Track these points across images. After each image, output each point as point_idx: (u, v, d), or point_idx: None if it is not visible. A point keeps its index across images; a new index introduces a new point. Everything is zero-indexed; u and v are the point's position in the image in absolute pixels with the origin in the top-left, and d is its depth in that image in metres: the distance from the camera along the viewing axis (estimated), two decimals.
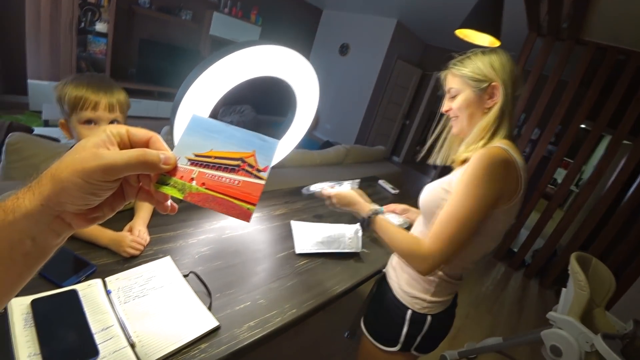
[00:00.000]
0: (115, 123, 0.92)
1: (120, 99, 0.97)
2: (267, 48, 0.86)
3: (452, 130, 1.01)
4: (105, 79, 0.98)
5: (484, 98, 0.92)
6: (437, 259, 0.82)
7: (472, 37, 1.90)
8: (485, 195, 0.80)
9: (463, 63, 0.95)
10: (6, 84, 3.93)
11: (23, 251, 0.30)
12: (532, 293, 3.37)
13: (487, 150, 0.83)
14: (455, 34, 2.00)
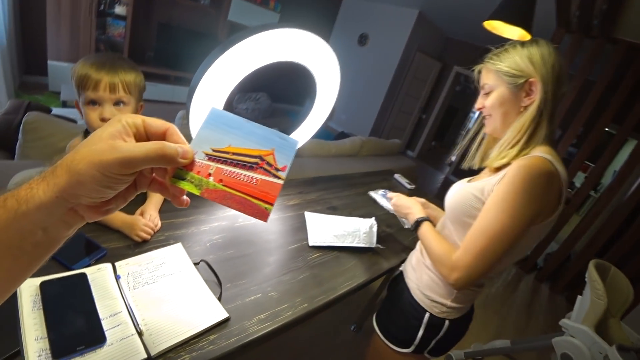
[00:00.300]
0: (121, 105, 0.92)
1: (127, 79, 0.92)
2: (288, 31, 0.82)
3: (485, 129, 0.95)
4: (116, 58, 0.93)
5: (520, 96, 0.84)
6: (465, 272, 0.78)
7: (501, 29, 1.82)
8: (523, 214, 0.74)
9: (499, 56, 0.87)
10: (27, 64, 3.98)
11: (34, 241, 0.30)
12: (542, 297, 3.29)
13: (527, 162, 0.76)
14: (482, 25, 1.91)
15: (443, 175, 6.45)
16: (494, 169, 0.86)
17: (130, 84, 0.93)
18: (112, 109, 0.90)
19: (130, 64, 0.95)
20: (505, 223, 0.74)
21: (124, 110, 0.94)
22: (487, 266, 0.77)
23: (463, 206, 0.87)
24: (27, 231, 0.29)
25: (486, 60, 0.91)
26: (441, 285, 0.94)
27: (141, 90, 0.99)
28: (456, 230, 0.92)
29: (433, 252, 0.88)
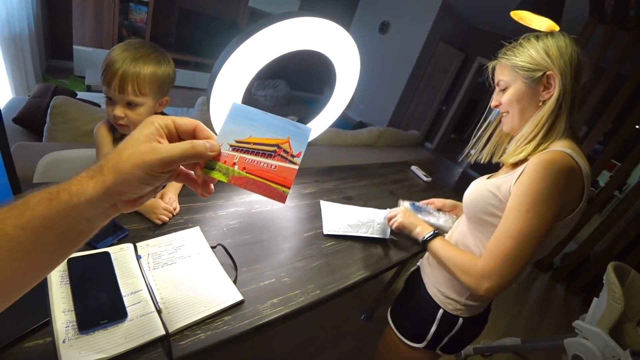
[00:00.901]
0: (133, 105, 0.91)
1: (140, 79, 0.89)
2: (309, 20, 0.82)
3: (503, 127, 0.91)
4: (141, 54, 0.89)
5: (537, 90, 0.81)
6: (495, 280, 0.74)
7: (528, 20, 1.76)
8: (547, 210, 0.71)
9: (514, 51, 0.84)
10: (53, 49, 4.09)
11: (78, 230, 0.34)
12: (557, 297, 3.23)
13: (546, 156, 0.72)
14: (510, 15, 1.85)
15: (461, 168, 6.34)
16: (510, 165, 0.84)
17: (142, 83, 0.89)
18: (123, 109, 0.91)
19: (155, 59, 0.92)
20: (530, 222, 0.71)
21: (137, 111, 0.93)
22: (518, 269, 0.73)
23: (479, 203, 0.85)
24: (74, 221, 0.33)
25: (500, 56, 0.88)
26: (455, 282, 0.93)
27: (162, 85, 0.95)
28: (473, 227, 0.90)
29: (455, 264, 0.84)
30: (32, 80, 3.16)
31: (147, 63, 0.90)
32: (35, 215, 0.30)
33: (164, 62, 0.95)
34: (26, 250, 0.31)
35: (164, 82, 0.95)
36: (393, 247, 1.18)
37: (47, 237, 0.32)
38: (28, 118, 1.92)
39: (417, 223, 1.05)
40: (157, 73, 0.92)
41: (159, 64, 0.93)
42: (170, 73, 0.97)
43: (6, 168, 0.73)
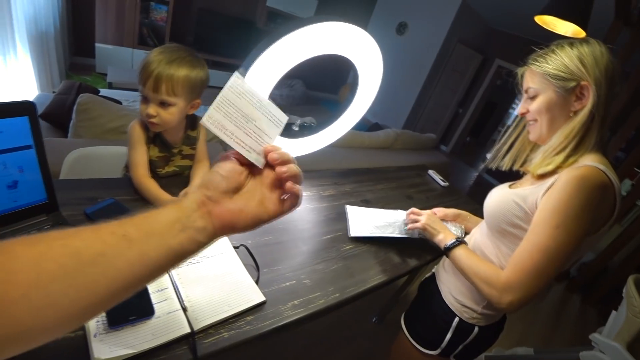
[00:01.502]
0: (166, 105, 0.95)
1: (174, 80, 0.93)
2: (339, 25, 0.82)
3: (530, 136, 0.88)
4: (176, 57, 0.94)
5: (569, 100, 0.77)
6: (519, 293, 0.73)
7: (553, 25, 1.72)
8: (578, 228, 0.69)
9: (545, 58, 0.80)
10: (76, 46, 4.19)
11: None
12: (572, 308, 3.15)
13: (579, 172, 0.70)
14: (531, 18, 1.82)
15: (476, 172, 6.26)
16: (536, 176, 0.81)
17: (176, 84, 0.93)
18: (156, 108, 0.95)
19: (190, 62, 0.96)
20: (560, 238, 0.70)
21: (169, 111, 0.97)
22: (542, 284, 0.72)
23: (503, 213, 0.83)
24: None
25: (530, 62, 0.84)
26: (473, 290, 0.92)
27: (194, 88, 0.99)
28: (494, 237, 0.89)
29: (477, 275, 0.82)
30: (56, 76, 3.25)
31: (181, 66, 0.94)
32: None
33: (198, 66, 0.98)
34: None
35: (196, 85, 0.99)
36: (411, 253, 1.18)
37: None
38: (54, 114, 1.98)
39: (440, 229, 1.03)
40: (190, 76, 0.96)
41: (193, 67, 0.97)
42: (203, 77, 1.01)
43: (40, 165, 0.75)
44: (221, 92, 0.40)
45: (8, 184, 0.71)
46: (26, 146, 0.71)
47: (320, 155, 1.27)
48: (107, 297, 0.32)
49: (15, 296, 0.27)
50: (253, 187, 0.43)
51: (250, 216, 0.41)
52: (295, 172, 0.42)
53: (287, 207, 0.44)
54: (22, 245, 0.30)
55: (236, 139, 0.41)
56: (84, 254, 0.30)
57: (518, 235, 0.81)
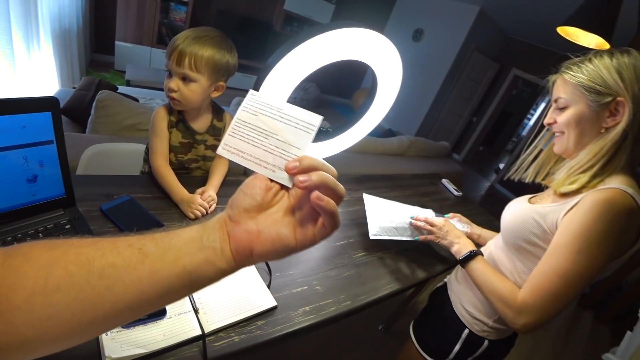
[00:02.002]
0: (188, 80, 0.95)
1: (199, 56, 0.93)
2: (359, 31, 0.81)
3: (554, 148, 0.84)
4: (206, 35, 0.96)
5: (602, 115, 0.72)
6: (535, 317, 0.70)
7: (575, 36, 1.69)
8: (601, 254, 0.66)
9: (581, 68, 0.74)
10: (97, 44, 4.28)
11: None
12: (583, 325, 3.04)
13: (606, 196, 0.66)
14: (550, 27, 1.79)
15: (488, 182, 6.17)
16: (559, 194, 0.77)
17: (201, 60, 0.94)
18: (177, 82, 0.96)
19: (217, 43, 0.97)
20: (581, 264, 0.66)
21: (190, 87, 0.97)
22: (560, 309, 0.69)
23: (521, 230, 0.80)
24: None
25: (563, 71, 0.78)
26: (485, 303, 0.90)
27: (219, 70, 0.99)
28: (509, 252, 0.86)
29: (493, 292, 0.79)
30: (77, 73, 3.32)
31: (207, 44, 0.95)
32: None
33: (226, 48, 0.99)
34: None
35: (221, 66, 0.99)
36: (423, 262, 1.16)
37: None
38: (73, 109, 2.01)
39: (454, 240, 0.99)
40: (215, 55, 0.96)
41: (219, 48, 0.97)
42: (230, 61, 1.01)
43: (60, 161, 0.76)
44: (236, 114, 0.38)
45: (28, 177, 0.72)
46: (48, 141, 0.72)
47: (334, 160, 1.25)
48: (111, 314, 0.30)
49: (19, 302, 0.26)
50: (284, 206, 0.36)
51: (270, 240, 0.34)
52: (320, 181, 0.32)
53: (319, 230, 0.34)
54: (41, 248, 0.29)
55: (255, 159, 0.37)
56: (95, 264, 0.29)
57: (534, 253, 0.79)
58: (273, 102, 0.39)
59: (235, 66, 1.05)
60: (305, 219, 0.34)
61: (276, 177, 0.36)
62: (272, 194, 0.36)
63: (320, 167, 0.34)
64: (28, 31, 2.27)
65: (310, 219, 0.34)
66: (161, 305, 0.33)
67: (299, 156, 0.35)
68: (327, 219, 0.33)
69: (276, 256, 0.35)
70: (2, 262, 0.28)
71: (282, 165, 0.36)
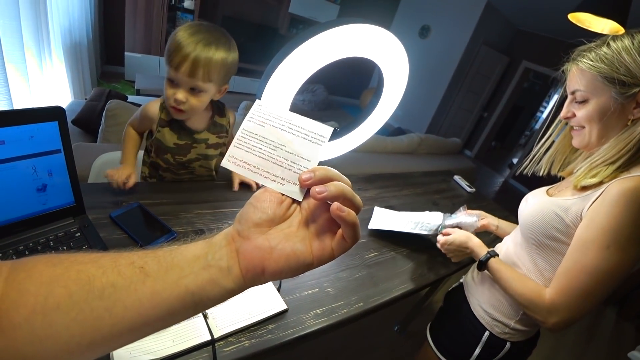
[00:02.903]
0: (197, 91, 0.90)
1: (212, 65, 0.87)
2: (363, 27, 0.80)
3: (573, 142, 0.79)
4: (213, 37, 0.88)
5: (628, 107, 0.66)
6: (566, 315, 0.67)
7: (588, 22, 1.64)
8: (631, 247, 0.62)
9: (599, 55, 0.67)
10: (107, 55, 4.37)
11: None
12: (606, 322, 2.94)
13: (632, 185, 0.62)
14: (563, 17, 1.74)
15: (502, 178, 6.05)
16: (581, 188, 0.72)
17: (213, 69, 0.88)
18: (186, 94, 0.90)
19: (225, 44, 0.90)
20: (612, 260, 0.63)
21: (200, 97, 0.92)
22: (591, 306, 0.66)
23: (542, 225, 0.76)
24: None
25: (579, 59, 0.71)
26: (505, 304, 0.87)
27: (227, 72, 0.94)
28: (530, 249, 0.83)
29: (518, 294, 0.76)
30: (88, 84, 3.38)
31: (219, 48, 0.88)
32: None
33: (233, 48, 0.93)
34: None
35: (230, 69, 0.94)
36: (437, 261, 1.13)
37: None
38: (85, 120, 2.05)
39: (468, 241, 0.95)
40: (227, 60, 0.90)
41: (229, 50, 0.91)
42: (236, 59, 0.96)
43: (68, 169, 0.77)
44: (242, 125, 0.37)
45: (38, 187, 0.73)
46: (55, 150, 0.73)
47: (343, 160, 1.25)
48: (110, 336, 0.29)
49: (20, 320, 0.26)
50: (297, 220, 0.34)
51: (284, 256, 0.31)
52: (339, 191, 0.31)
53: (338, 244, 0.32)
54: (45, 264, 0.29)
55: (263, 172, 0.35)
56: (95, 283, 0.28)
57: (557, 248, 0.75)
58: (281, 113, 0.37)
59: (237, 63, 0.99)
60: (321, 233, 0.33)
61: (285, 191, 0.34)
62: (284, 207, 0.34)
63: (336, 178, 0.32)
64: (40, 46, 2.33)
65: (326, 232, 0.33)
66: (164, 328, 0.31)
67: (318, 169, 0.33)
68: (348, 231, 0.31)
69: (290, 274, 0.32)
70: (6, 276, 0.28)
71: (292, 178, 0.35)
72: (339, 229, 0.32)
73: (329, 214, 0.31)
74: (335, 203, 0.30)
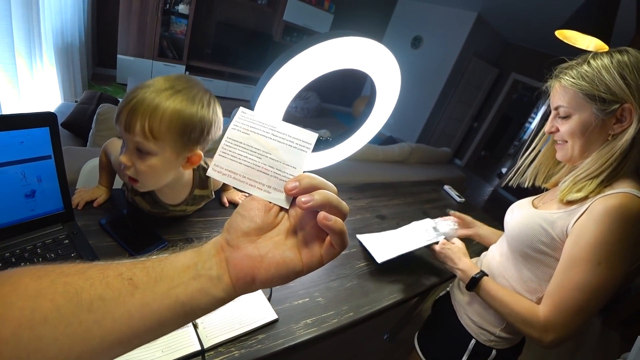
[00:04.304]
0: (143, 153, 0.70)
1: (159, 110, 0.66)
2: (356, 40, 0.81)
3: (557, 155, 0.81)
4: (168, 83, 0.69)
5: (608, 122, 0.69)
6: (562, 332, 0.69)
7: (574, 39, 1.69)
8: (621, 263, 0.65)
9: (580, 73, 0.70)
10: (99, 57, 4.33)
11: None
12: (592, 331, 2.98)
13: (617, 202, 0.64)
14: (548, 31, 1.79)
15: (491, 187, 6.14)
16: (566, 202, 0.74)
17: (159, 121, 0.66)
18: (131, 156, 0.70)
19: (187, 94, 0.69)
20: (603, 276, 0.64)
21: (147, 161, 0.70)
22: (584, 321, 0.68)
23: (528, 237, 0.78)
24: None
25: (561, 76, 0.74)
26: (491, 312, 0.88)
27: (189, 132, 0.70)
28: (515, 260, 0.84)
29: (510, 314, 0.77)
30: (79, 86, 3.35)
31: (176, 97, 0.67)
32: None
33: (201, 102, 0.71)
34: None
35: (190, 127, 0.70)
36: (426, 271, 1.14)
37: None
38: (75, 123, 2.02)
39: (454, 265, 0.94)
40: (183, 111, 0.68)
41: (191, 101, 0.69)
42: (207, 119, 0.72)
43: (58, 175, 0.76)
44: (226, 133, 0.37)
45: (26, 193, 0.72)
46: (46, 156, 0.72)
47: (335, 168, 1.26)
48: (99, 349, 0.28)
49: (6, 335, 0.26)
50: (285, 228, 0.34)
51: (274, 265, 0.32)
52: (324, 200, 0.31)
53: (326, 251, 0.32)
54: (30, 276, 0.28)
55: (249, 180, 0.35)
56: (84, 296, 0.28)
57: (542, 260, 0.77)
58: (265, 120, 0.37)
59: (216, 125, 0.76)
60: (310, 240, 0.33)
61: (272, 198, 0.34)
62: (272, 214, 0.34)
63: (321, 186, 0.33)
64: (31, 47, 2.30)
65: (315, 239, 0.33)
66: (154, 339, 0.31)
67: (297, 175, 0.34)
68: (336, 239, 0.32)
69: (280, 281, 0.33)
70: None
71: (278, 186, 0.35)
72: (327, 235, 0.32)
73: (316, 221, 0.31)
74: (322, 212, 0.31)
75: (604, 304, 0.67)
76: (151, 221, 0.91)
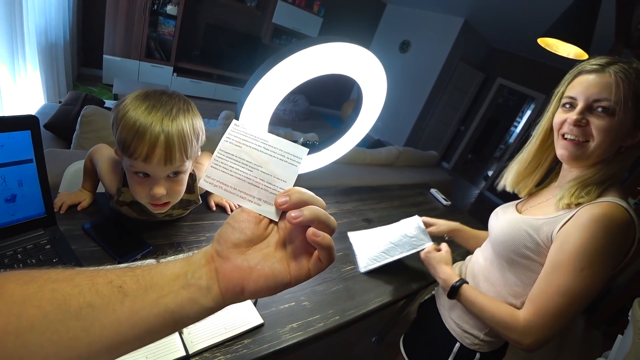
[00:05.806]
0: (176, 175, 0.76)
1: (185, 134, 0.71)
2: (343, 46, 0.82)
3: (561, 152, 0.76)
4: (167, 106, 0.71)
5: (632, 134, 0.69)
6: (541, 336, 0.70)
7: (555, 47, 1.74)
8: (603, 270, 0.66)
9: (637, 74, 0.66)
10: (85, 57, 4.25)
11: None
12: (575, 330, 3.05)
13: (603, 211, 0.66)
14: (532, 37, 1.84)
15: (478, 190, 6.23)
16: (565, 205, 0.73)
17: (189, 143, 0.72)
18: (166, 185, 0.75)
19: (186, 108, 0.74)
20: (585, 282, 0.66)
21: (181, 180, 0.78)
22: (565, 325, 0.69)
23: (513, 242, 0.79)
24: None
25: (614, 70, 0.67)
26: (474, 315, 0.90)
27: (199, 137, 0.78)
28: (500, 265, 0.85)
29: (491, 319, 0.78)
30: (63, 87, 3.28)
31: (184, 114, 0.72)
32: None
33: (192, 106, 0.77)
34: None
35: (197, 135, 0.77)
36: (412, 274, 1.16)
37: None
38: (58, 125, 1.98)
39: (435, 272, 0.95)
40: (196, 124, 0.76)
41: (194, 113, 0.76)
42: (199, 120, 0.80)
43: (40, 180, 0.75)
44: (218, 145, 0.37)
45: (6, 197, 0.70)
46: (27, 160, 0.71)
47: (322, 172, 1.26)
48: (86, 356, 0.28)
49: None
50: (274, 240, 0.35)
51: (262, 276, 0.32)
52: (313, 216, 0.32)
53: (314, 264, 0.33)
54: (16, 282, 0.28)
55: (240, 192, 0.36)
56: (72, 304, 0.28)
57: (527, 265, 0.78)
58: (257, 133, 0.38)
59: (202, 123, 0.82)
60: (298, 253, 0.34)
61: (262, 211, 0.35)
62: (262, 227, 0.35)
63: (310, 201, 0.33)
64: (13, 45, 2.25)
65: (303, 252, 0.34)
66: (142, 346, 0.31)
67: (287, 189, 0.35)
68: (324, 254, 0.33)
69: (269, 293, 0.33)
70: None
71: (268, 199, 0.35)
72: (315, 250, 0.33)
73: (305, 235, 0.32)
74: (311, 228, 0.32)
75: (584, 308, 0.69)
76: (136, 226, 0.91)
